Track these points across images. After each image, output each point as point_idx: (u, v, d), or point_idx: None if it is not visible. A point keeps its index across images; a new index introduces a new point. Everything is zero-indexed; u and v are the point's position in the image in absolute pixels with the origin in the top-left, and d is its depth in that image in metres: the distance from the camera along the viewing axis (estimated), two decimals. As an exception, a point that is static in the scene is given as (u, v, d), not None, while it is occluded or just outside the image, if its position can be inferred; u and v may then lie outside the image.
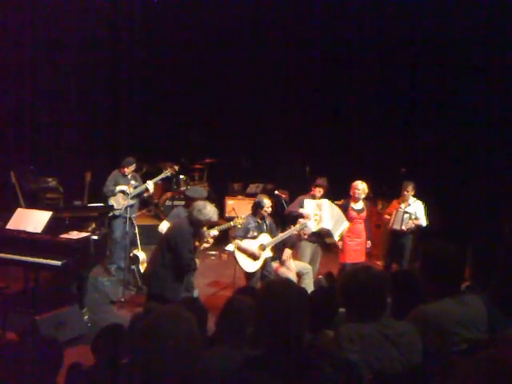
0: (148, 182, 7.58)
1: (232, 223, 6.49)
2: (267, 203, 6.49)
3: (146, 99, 11.56)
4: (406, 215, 7.29)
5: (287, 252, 6.70)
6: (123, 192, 7.50)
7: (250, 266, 6.39)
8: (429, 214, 7.45)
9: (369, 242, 7.22)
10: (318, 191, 6.99)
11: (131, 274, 7.20)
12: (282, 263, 6.71)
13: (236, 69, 11.30)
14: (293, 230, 6.56)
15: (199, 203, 5.14)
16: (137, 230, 7.37)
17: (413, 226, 7.33)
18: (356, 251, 7.07)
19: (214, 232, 6.23)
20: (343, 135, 10.79)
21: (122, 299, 6.66)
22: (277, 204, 8.02)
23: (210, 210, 5.05)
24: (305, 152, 11.04)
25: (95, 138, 10.79)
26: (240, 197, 10.65)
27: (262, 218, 6.56)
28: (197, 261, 5.36)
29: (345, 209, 7.02)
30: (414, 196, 7.43)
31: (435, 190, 8.63)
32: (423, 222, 7.38)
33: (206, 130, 11.87)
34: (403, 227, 7.29)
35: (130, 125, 11.30)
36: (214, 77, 11.34)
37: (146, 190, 7.57)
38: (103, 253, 7.40)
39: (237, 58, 11.31)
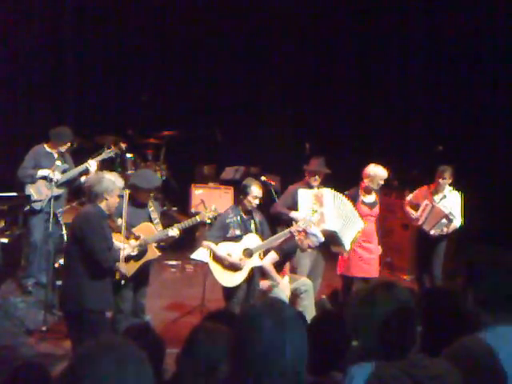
0: (89, 161, 7.53)
1: (198, 218, 6.45)
2: (255, 192, 6.39)
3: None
4: (444, 221, 7.41)
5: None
6: (46, 178, 7.44)
7: (229, 278, 6.41)
8: (465, 210, 7.57)
9: (379, 248, 7.36)
10: (313, 180, 7.03)
11: (56, 293, 7.16)
12: (266, 276, 6.72)
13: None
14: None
15: (93, 177, 5.65)
16: (64, 231, 7.33)
17: (444, 232, 7.48)
18: (367, 261, 7.15)
19: (173, 232, 6.21)
20: (358, 100, 10.80)
21: (44, 328, 6.61)
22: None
23: (108, 178, 5.24)
24: (304, 122, 11.03)
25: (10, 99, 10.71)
26: (212, 184, 10.63)
27: (249, 213, 6.52)
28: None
29: (352, 202, 7.06)
30: (450, 185, 7.58)
31: (478, 177, 8.71)
32: (457, 221, 7.52)
33: (164, 91, 11.79)
34: (432, 231, 7.44)
35: (55, 83, 11.21)
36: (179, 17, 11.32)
37: (85, 171, 7.51)
38: (16, 262, 7.33)
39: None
